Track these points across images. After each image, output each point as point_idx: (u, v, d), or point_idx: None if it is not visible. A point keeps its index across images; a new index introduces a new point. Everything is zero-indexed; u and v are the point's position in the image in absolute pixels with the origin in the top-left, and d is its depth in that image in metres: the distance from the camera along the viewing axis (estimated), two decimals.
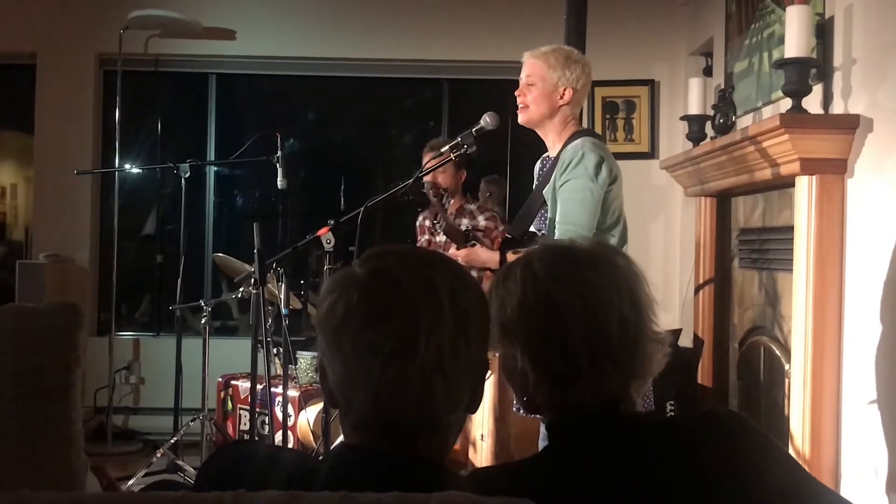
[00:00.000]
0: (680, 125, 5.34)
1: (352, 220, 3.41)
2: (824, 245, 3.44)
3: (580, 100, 3.36)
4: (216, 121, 6.74)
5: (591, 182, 3.12)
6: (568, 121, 3.34)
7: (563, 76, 3.30)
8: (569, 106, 3.32)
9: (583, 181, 3.12)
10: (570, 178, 3.15)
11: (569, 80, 3.30)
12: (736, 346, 4.75)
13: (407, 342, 1.22)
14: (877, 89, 3.25)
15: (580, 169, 3.13)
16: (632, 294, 1.50)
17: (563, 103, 3.30)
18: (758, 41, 4.47)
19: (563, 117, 3.33)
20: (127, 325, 6.85)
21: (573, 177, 3.14)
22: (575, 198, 3.13)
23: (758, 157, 3.77)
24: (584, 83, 3.33)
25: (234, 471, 1.35)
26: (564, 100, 3.30)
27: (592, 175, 3.12)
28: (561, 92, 3.30)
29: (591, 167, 3.12)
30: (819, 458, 3.43)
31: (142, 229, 7.05)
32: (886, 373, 3.09)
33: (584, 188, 3.12)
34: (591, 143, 3.20)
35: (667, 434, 1.49)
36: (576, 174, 3.14)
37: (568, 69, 3.30)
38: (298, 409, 4.95)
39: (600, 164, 3.14)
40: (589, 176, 3.12)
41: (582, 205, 3.12)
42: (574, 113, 3.36)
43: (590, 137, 3.26)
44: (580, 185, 3.12)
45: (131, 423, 6.31)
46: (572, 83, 3.30)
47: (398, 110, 7.61)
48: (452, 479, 1.28)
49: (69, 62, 6.36)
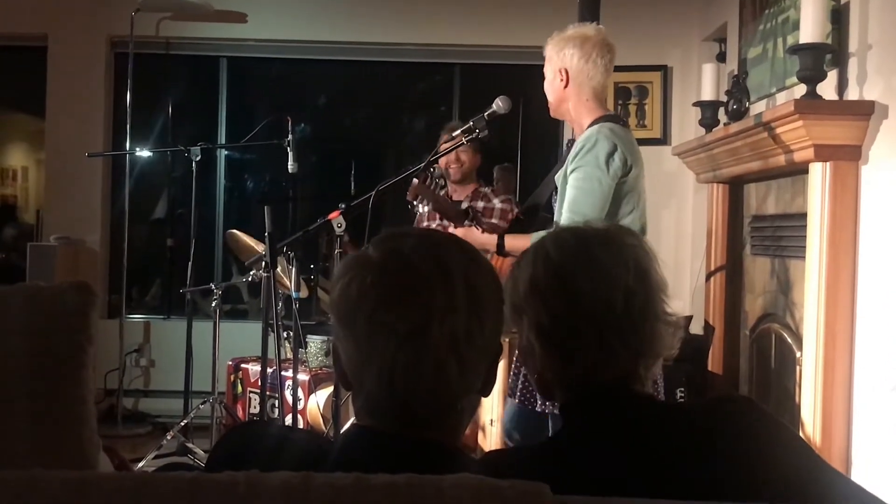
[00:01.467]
0: (692, 111, 5.31)
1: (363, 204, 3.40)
2: (837, 232, 3.42)
3: (589, 76, 3.19)
4: (227, 104, 6.73)
5: (601, 171, 3.03)
6: (584, 103, 3.22)
7: (559, 59, 3.22)
8: (574, 87, 3.21)
9: (592, 170, 3.04)
10: (579, 165, 3.07)
11: (563, 61, 3.21)
12: (747, 333, 4.74)
13: (421, 324, 1.21)
14: (892, 75, 3.23)
15: (590, 157, 3.05)
16: (639, 270, 1.50)
17: (565, 86, 3.22)
18: (772, 27, 4.44)
19: (575, 101, 3.23)
20: (137, 308, 6.87)
21: (583, 164, 3.06)
22: (584, 186, 3.05)
23: (771, 143, 3.74)
24: (582, 57, 3.17)
25: (246, 451, 1.35)
26: (565, 83, 3.21)
27: (603, 164, 3.03)
28: (560, 76, 3.22)
29: (602, 156, 3.04)
30: (830, 445, 3.42)
31: (152, 212, 7.06)
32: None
33: (592, 177, 3.04)
34: (608, 129, 3.10)
35: (681, 417, 1.49)
36: (586, 162, 3.06)
37: (564, 49, 3.20)
38: (308, 393, 4.95)
39: (612, 152, 3.04)
40: (598, 165, 3.03)
41: (590, 194, 3.04)
42: (587, 93, 3.21)
43: (608, 124, 3.14)
44: (589, 173, 3.05)
45: (141, 406, 6.33)
46: (566, 62, 3.20)
47: (410, 95, 7.59)
48: (466, 461, 1.28)
49: (80, 44, 6.36)
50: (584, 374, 1.48)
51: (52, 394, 1.34)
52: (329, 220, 3.39)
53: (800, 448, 1.49)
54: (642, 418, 1.45)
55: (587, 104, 3.23)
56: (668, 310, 1.54)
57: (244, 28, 6.42)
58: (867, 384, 3.33)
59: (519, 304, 1.52)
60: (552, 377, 1.52)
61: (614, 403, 1.47)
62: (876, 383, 3.26)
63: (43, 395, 1.34)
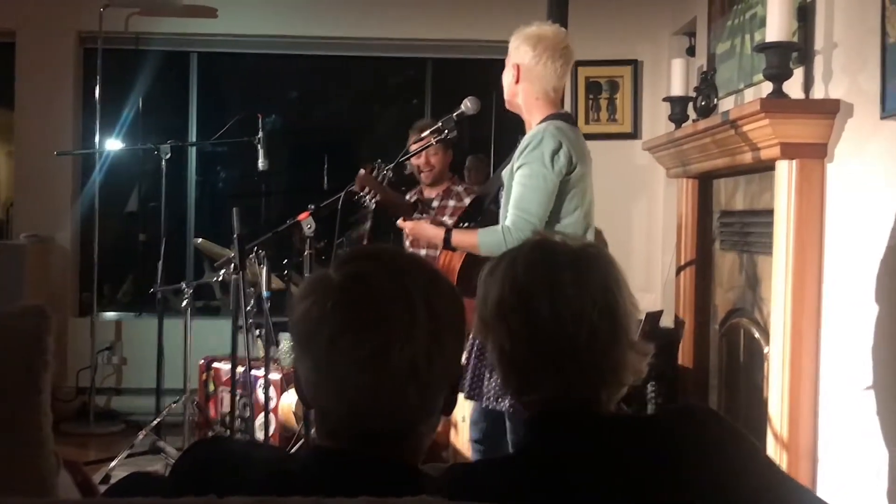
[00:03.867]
0: (663, 106, 5.33)
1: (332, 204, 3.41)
2: (804, 229, 3.45)
3: (539, 76, 3.22)
4: (198, 99, 6.68)
5: (545, 169, 3.06)
6: (534, 101, 3.25)
7: (515, 54, 3.24)
8: (524, 84, 3.23)
9: (537, 167, 3.06)
10: (525, 161, 3.10)
11: (517, 57, 3.23)
12: (717, 327, 4.77)
13: (381, 349, 1.22)
14: (857, 73, 3.25)
15: (536, 154, 3.07)
16: (607, 303, 1.49)
17: (516, 82, 3.24)
18: (740, 22, 4.46)
19: (526, 98, 3.26)
20: (109, 306, 6.83)
21: (529, 161, 3.09)
22: (529, 183, 3.07)
23: (738, 140, 3.77)
24: (534, 57, 3.20)
25: (208, 469, 1.35)
26: (517, 78, 3.23)
27: (548, 162, 3.06)
28: (514, 71, 3.24)
29: (547, 153, 3.06)
30: (797, 440, 3.46)
31: (124, 208, 7.02)
32: (864, 356, 3.11)
33: (538, 174, 3.06)
34: (554, 127, 3.12)
35: (641, 430, 1.49)
36: (532, 159, 3.08)
37: (522, 46, 3.22)
38: (280, 392, 4.95)
39: (558, 150, 3.07)
40: (543, 162, 3.06)
41: (535, 191, 3.06)
42: (537, 92, 3.24)
43: (556, 121, 3.17)
44: (535, 170, 3.07)
45: (114, 404, 6.30)
46: (520, 59, 3.22)
47: (382, 89, 7.59)
48: (426, 482, 1.29)
49: (49, 40, 6.29)
50: (543, 400, 1.49)
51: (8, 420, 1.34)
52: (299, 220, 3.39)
53: (762, 461, 1.50)
54: (603, 434, 1.46)
55: (537, 102, 3.26)
56: (633, 338, 1.52)
57: (214, 23, 6.37)
58: (833, 379, 3.36)
59: (486, 321, 1.53)
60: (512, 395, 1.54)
61: (576, 420, 1.48)
62: (841, 378, 3.29)
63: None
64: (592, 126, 6.20)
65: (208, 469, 1.35)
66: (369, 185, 3.43)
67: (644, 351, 1.54)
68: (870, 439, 3.06)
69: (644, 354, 1.54)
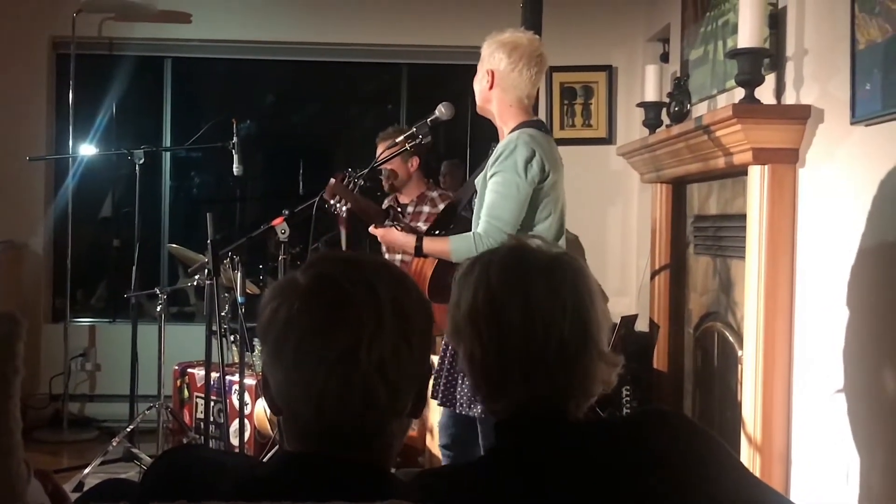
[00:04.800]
0: (637, 111, 5.36)
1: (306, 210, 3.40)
2: (776, 233, 3.48)
3: (513, 83, 3.23)
4: (172, 105, 6.65)
5: (518, 177, 3.07)
6: (507, 108, 3.26)
7: (489, 61, 3.25)
8: (498, 91, 3.24)
9: (510, 175, 3.08)
10: (498, 170, 3.10)
11: (492, 63, 3.24)
12: (691, 331, 4.79)
13: (349, 350, 1.22)
14: (828, 80, 3.28)
15: (509, 163, 3.08)
16: (578, 314, 1.49)
17: (489, 88, 3.25)
18: (713, 29, 4.49)
19: (499, 104, 3.27)
20: (82, 312, 6.78)
21: (502, 169, 3.10)
22: (502, 191, 3.08)
23: (711, 146, 3.79)
24: (510, 64, 3.21)
25: (179, 477, 1.35)
26: (490, 84, 3.24)
27: (521, 170, 3.07)
28: (487, 77, 3.25)
29: (520, 162, 3.07)
30: (770, 443, 3.48)
31: (97, 214, 6.98)
32: (836, 359, 3.13)
33: (510, 182, 3.08)
34: (527, 136, 3.13)
35: (610, 434, 1.50)
36: (505, 167, 3.09)
37: (495, 52, 3.23)
38: (255, 397, 4.93)
39: (530, 159, 3.08)
40: (517, 171, 3.07)
41: (507, 199, 3.08)
42: (510, 99, 3.25)
43: (530, 129, 3.18)
44: (507, 178, 3.08)
45: (87, 411, 6.26)
46: (494, 65, 3.23)
47: (357, 94, 7.59)
48: (395, 485, 1.29)
49: (22, 45, 6.25)
50: (512, 406, 1.50)
51: None
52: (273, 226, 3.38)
53: (734, 465, 1.51)
54: (572, 438, 1.47)
55: (510, 109, 3.27)
56: (604, 349, 1.53)
57: (188, 28, 6.36)
58: (806, 383, 3.39)
59: (458, 325, 1.53)
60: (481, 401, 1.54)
61: (544, 425, 1.48)
62: (814, 382, 3.32)
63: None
64: (567, 131, 6.22)
65: (179, 476, 1.35)
66: (340, 194, 3.43)
67: (614, 362, 1.54)
68: (841, 442, 3.08)
69: (613, 365, 1.54)
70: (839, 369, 3.12)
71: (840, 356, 3.12)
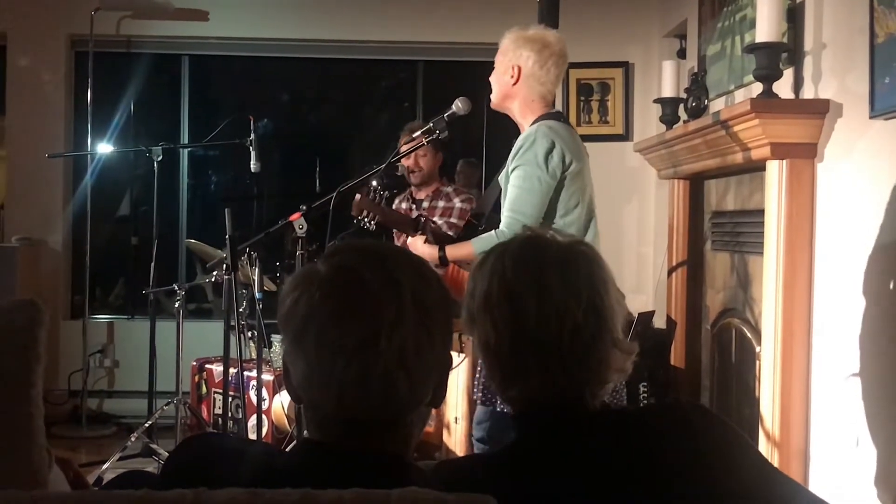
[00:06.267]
0: (654, 107, 5.34)
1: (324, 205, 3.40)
2: (794, 229, 3.46)
3: (540, 81, 3.25)
4: (189, 102, 6.68)
5: (539, 170, 3.07)
6: (529, 103, 3.27)
7: (514, 56, 3.25)
8: (523, 86, 3.25)
9: (531, 168, 3.08)
10: (519, 164, 3.11)
11: (518, 59, 3.24)
12: (708, 328, 4.78)
13: (369, 340, 1.22)
14: (846, 74, 3.27)
15: (529, 155, 3.09)
16: (592, 301, 1.49)
17: (514, 83, 3.25)
18: (730, 24, 4.48)
19: (522, 100, 3.28)
20: (101, 308, 6.82)
21: (522, 163, 3.11)
22: (524, 185, 3.09)
23: (729, 141, 3.78)
24: (538, 62, 3.23)
25: (199, 464, 1.36)
26: (514, 80, 3.25)
27: (542, 162, 3.07)
28: (511, 72, 3.26)
29: (540, 154, 3.08)
30: (788, 439, 3.46)
31: (115, 211, 7.01)
32: (855, 354, 3.12)
33: (531, 176, 3.08)
34: (546, 127, 3.14)
35: (628, 425, 1.50)
36: (525, 160, 3.10)
37: (521, 48, 3.24)
38: (273, 393, 4.95)
39: (551, 150, 3.09)
40: (538, 163, 3.07)
41: (529, 193, 3.09)
42: (534, 95, 3.27)
43: (548, 122, 3.19)
44: (529, 172, 3.09)
45: (106, 407, 6.29)
46: (521, 62, 3.24)
47: (373, 91, 7.59)
48: (415, 473, 1.29)
49: (40, 43, 6.29)
50: (525, 396, 1.50)
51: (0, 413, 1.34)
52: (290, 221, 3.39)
53: (753, 456, 1.50)
54: (591, 429, 1.47)
55: (533, 104, 3.28)
56: (619, 336, 1.53)
57: (205, 26, 6.38)
58: (824, 379, 3.37)
59: (473, 315, 1.53)
60: (496, 389, 1.54)
61: (563, 416, 1.48)
62: (833, 377, 3.30)
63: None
64: (584, 128, 6.21)
65: (199, 464, 1.36)
66: (367, 209, 3.45)
67: (629, 350, 1.54)
68: (860, 438, 3.07)
69: (629, 353, 1.54)
70: (858, 365, 3.11)
71: (859, 352, 3.11)
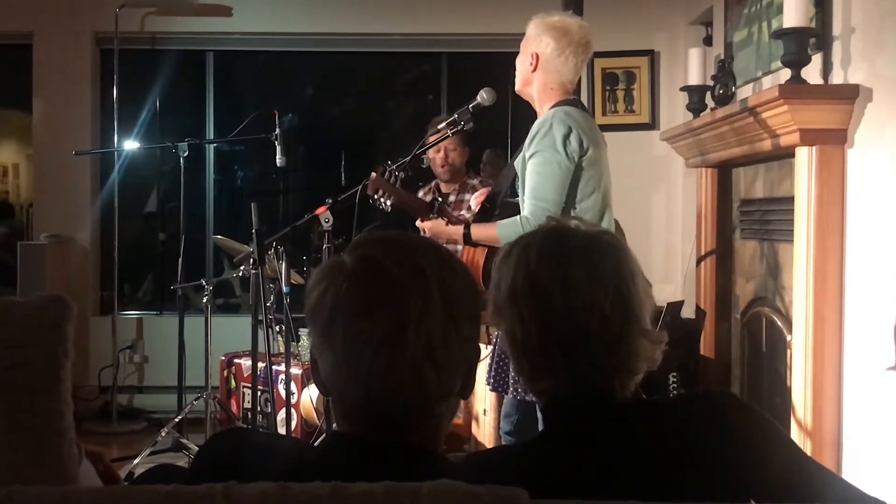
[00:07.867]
0: (680, 96, 5.31)
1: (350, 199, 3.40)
2: (824, 215, 3.42)
3: (557, 69, 3.22)
4: (214, 98, 6.70)
5: (558, 154, 3.05)
6: (548, 90, 3.25)
7: (535, 43, 3.23)
8: (541, 73, 3.23)
9: (550, 153, 3.06)
10: (537, 150, 3.09)
11: (538, 47, 3.22)
12: (738, 317, 4.75)
13: (397, 331, 1.21)
14: (876, 58, 3.23)
15: (547, 141, 3.07)
16: (619, 292, 1.47)
17: (532, 70, 3.24)
18: (757, 10, 4.43)
19: (541, 86, 3.25)
20: (130, 305, 6.86)
21: (540, 149, 3.08)
22: (543, 171, 3.07)
23: (757, 128, 3.74)
24: (556, 49, 3.20)
25: (229, 458, 1.35)
26: (533, 67, 3.23)
27: (560, 147, 3.05)
28: (531, 59, 3.24)
29: (558, 138, 3.05)
30: (821, 428, 3.43)
31: (143, 208, 7.05)
32: (888, 342, 3.09)
33: (551, 161, 3.06)
34: (563, 113, 3.11)
35: (658, 415, 1.48)
36: (543, 146, 3.07)
37: (542, 35, 3.22)
38: (301, 387, 4.96)
39: (568, 135, 3.06)
40: (556, 148, 3.05)
41: (550, 178, 3.06)
42: (552, 82, 3.24)
43: (565, 107, 3.16)
44: (547, 157, 3.06)
45: (136, 402, 6.33)
46: (541, 49, 3.21)
47: (397, 84, 7.59)
48: (445, 466, 1.28)
49: (66, 41, 6.33)
50: (554, 388, 1.49)
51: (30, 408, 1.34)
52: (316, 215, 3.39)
53: (786, 444, 1.48)
54: (621, 420, 1.45)
55: (550, 92, 3.26)
56: (647, 326, 1.51)
57: (229, 22, 6.39)
58: (857, 367, 3.34)
59: (499, 307, 1.52)
60: (524, 382, 1.53)
61: (593, 407, 1.47)
62: (865, 366, 3.27)
63: (20, 409, 1.34)
64: (610, 117, 6.18)
65: (229, 458, 1.36)
66: (382, 188, 3.43)
67: (657, 339, 1.52)
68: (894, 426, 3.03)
69: (658, 343, 1.52)
70: (891, 352, 3.07)
71: (891, 339, 3.07)
